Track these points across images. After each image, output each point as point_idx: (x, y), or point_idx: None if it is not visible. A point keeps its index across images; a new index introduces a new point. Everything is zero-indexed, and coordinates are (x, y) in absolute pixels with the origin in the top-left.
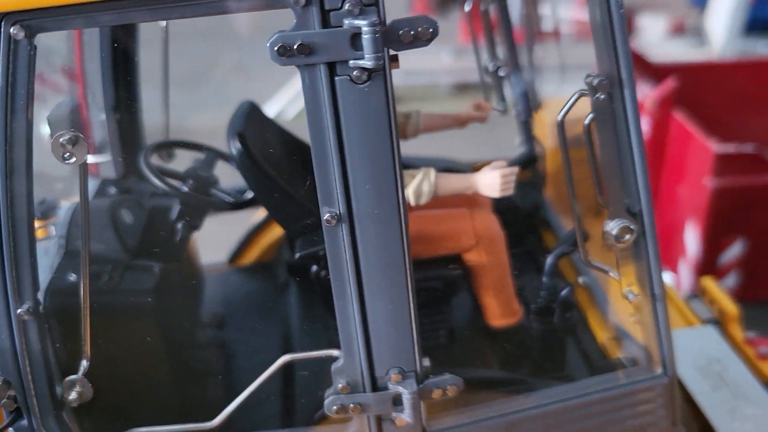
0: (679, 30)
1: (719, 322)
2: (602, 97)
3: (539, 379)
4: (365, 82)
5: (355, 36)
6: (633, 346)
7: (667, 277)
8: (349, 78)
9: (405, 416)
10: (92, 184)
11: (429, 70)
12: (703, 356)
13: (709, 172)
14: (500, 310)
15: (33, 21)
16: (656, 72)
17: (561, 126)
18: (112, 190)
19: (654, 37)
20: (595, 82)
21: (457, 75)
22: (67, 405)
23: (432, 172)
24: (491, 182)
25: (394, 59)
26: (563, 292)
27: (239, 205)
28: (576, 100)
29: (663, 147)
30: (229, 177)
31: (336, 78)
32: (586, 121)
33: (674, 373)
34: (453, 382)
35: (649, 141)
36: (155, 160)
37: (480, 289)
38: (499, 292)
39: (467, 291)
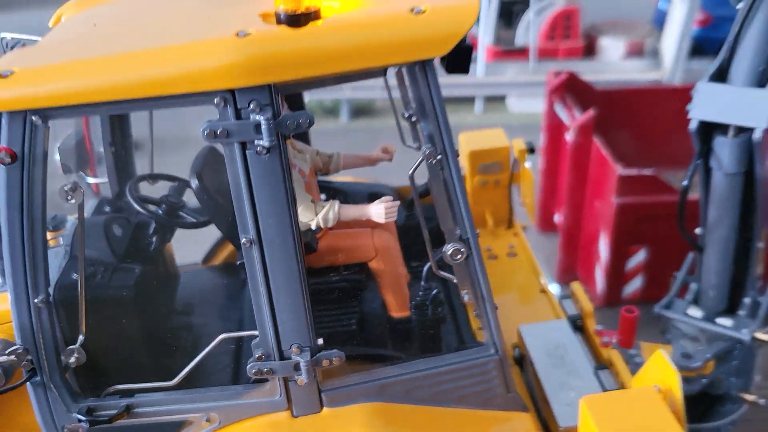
0: (637, 51)
1: (580, 317)
2: (434, 161)
3: (411, 354)
4: (265, 154)
5: (257, 125)
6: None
7: (555, 288)
8: (255, 152)
9: (303, 378)
10: (92, 203)
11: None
12: (553, 343)
13: (615, 191)
14: (396, 305)
15: (47, 112)
16: (597, 97)
17: (411, 178)
18: (107, 207)
19: (613, 57)
20: (428, 151)
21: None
22: (67, 366)
23: (336, 205)
24: (378, 212)
25: (286, 138)
26: (433, 293)
27: (199, 224)
28: (420, 162)
29: (586, 168)
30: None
31: (246, 152)
32: (410, 172)
33: (503, 351)
34: (337, 355)
35: (572, 163)
36: (143, 185)
37: (381, 288)
38: (395, 291)
39: (374, 290)
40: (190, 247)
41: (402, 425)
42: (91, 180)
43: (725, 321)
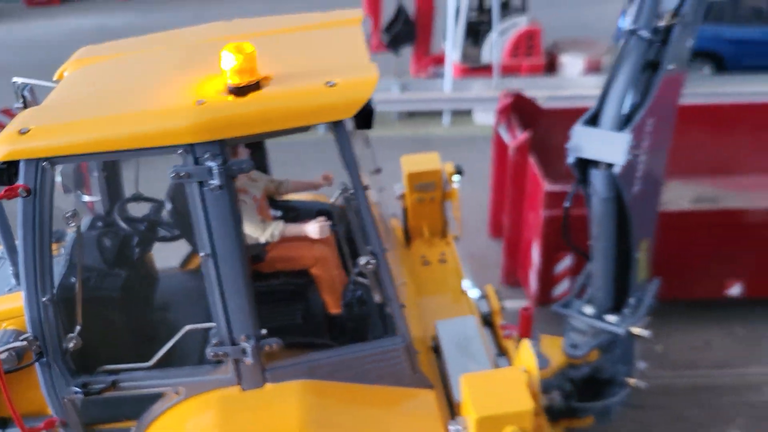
0: (595, 68)
1: (490, 314)
2: (348, 195)
3: (339, 342)
4: (217, 190)
5: (210, 169)
6: None
7: (475, 292)
8: (209, 189)
9: (249, 359)
10: (87, 219)
11: (380, 100)
12: (462, 335)
13: (543, 205)
14: (332, 304)
15: (54, 159)
16: (543, 115)
17: (332, 205)
18: (99, 223)
19: (573, 74)
20: (343, 188)
21: (403, 105)
22: (67, 350)
23: (281, 224)
24: (314, 229)
25: (234, 177)
26: (358, 294)
27: (172, 238)
28: (339, 195)
29: (523, 183)
30: None
31: (203, 188)
32: (331, 200)
33: (409, 340)
34: (276, 342)
35: (511, 178)
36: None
37: (320, 290)
38: (331, 292)
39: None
40: (172, 252)
41: (327, 397)
42: (86, 198)
43: (612, 318)
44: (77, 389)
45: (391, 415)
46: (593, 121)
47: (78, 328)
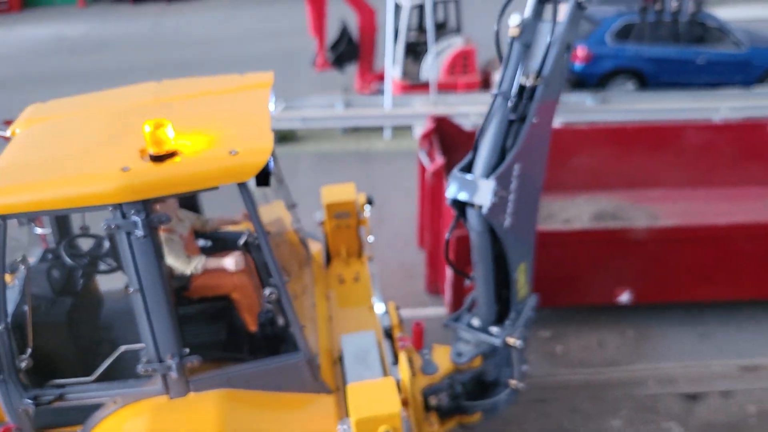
0: None
1: (390, 328)
2: (253, 239)
3: (252, 356)
4: (142, 238)
5: (135, 222)
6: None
7: (380, 308)
8: (137, 237)
9: (174, 374)
10: (39, 251)
11: (325, 116)
12: (361, 347)
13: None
14: (250, 323)
15: (6, 216)
16: (465, 137)
17: (240, 246)
18: (50, 255)
19: None
20: (248, 233)
21: (347, 121)
22: (20, 369)
23: (203, 259)
24: (230, 262)
25: (157, 228)
26: (270, 315)
27: (110, 270)
28: (244, 240)
29: (439, 204)
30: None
31: (130, 237)
32: (239, 243)
33: (309, 354)
34: (196, 359)
35: (429, 200)
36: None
37: (239, 311)
38: (250, 313)
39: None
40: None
41: (241, 402)
42: (38, 231)
43: (494, 329)
44: (29, 401)
45: (294, 417)
46: (468, 168)
47: (29, 350)
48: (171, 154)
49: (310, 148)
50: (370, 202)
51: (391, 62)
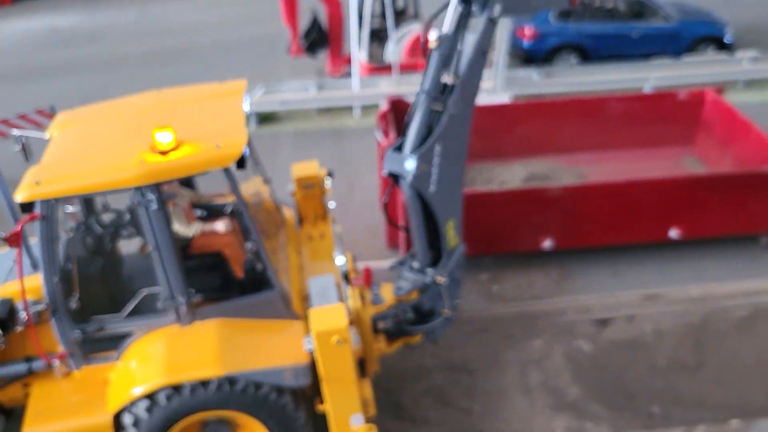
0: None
1: (347, 272)
2: (238, 210)
3: (242, 293)
4: (155, 210)
5: (151, 199)
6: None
7: (341, 259)
8: (152, 210)
9: (183, 308)
10: (73, 225)
11: (300, 99)
12: (323, 286)
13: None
14: (239, 271)
15: (58, 199)
16: None
17: (231, 213)
18: (82, 227)
19: None
20: (232, 205)
21: (320, 102)
22: (70, 308)
23: (200, 224)
24: (220, 226)
25: (169, 200)
26: (251, 264)
27: (130, 236)
28: (230, 209)
29: None
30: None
31: (148, 210)
32: (228, 211)
33: (281, 289)
34: (199, 297)
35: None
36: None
37: (230, 263)
38: (238, 264)
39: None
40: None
41: (233, 327)
42: (69, 209)
43: (429, 270)
44: (78, 332)
45: (272, 336)
46: (400, 148)
47: (76, 294)
48: (173, 149)
49: (289, 127)
50: (330, 175)
51: (357, 47)
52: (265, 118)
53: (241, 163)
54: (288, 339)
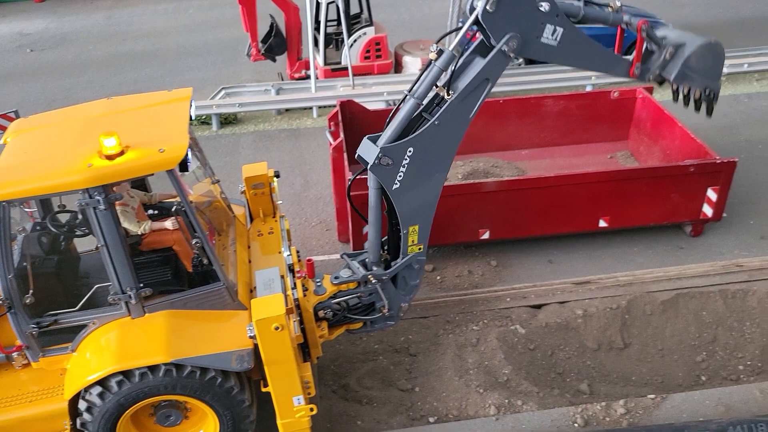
0: None
1: (292, 266)
2: (182, 208)
3: (190, 286)
4: (103, 210)
5: (98, 200)
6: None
7: (286, 252)
8: (100, 210)
9: (133, 301)
10: (30, 224)
11: (260, 101)
12: (268, 278)
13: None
14: (188, 265)
15: (9, 201)
16: (370, 116)
17: (174, 212)
18: (38, 227)
19: (414, 71)
20: (176, 204)
21: (279, 104)
22: (26, 304)
23: (149, 223)
24: (168, 224)
25: (113, 203)
26: (199, 259)
27: (84, 235)
28: (174, 209)
29: (341, 172)
30: None
31: (96, 210)
32: (173, 210)
33: (227, 282)
34: (148, 290)
35: (333, 169)
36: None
37: (180, 258)
38: (187, 259)
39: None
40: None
41: (181, 317)
42: (27, 209)
43: (376, 269)
44: (34, 326)
45: (218, 325)
46: (374, 139)
47: (31, 291)
48: (119, 154)
49: (249, 128)
50: (277, 175)
51: (314, 52)
52: (226, 120)
53: (183, 165)
54: (233, 327)
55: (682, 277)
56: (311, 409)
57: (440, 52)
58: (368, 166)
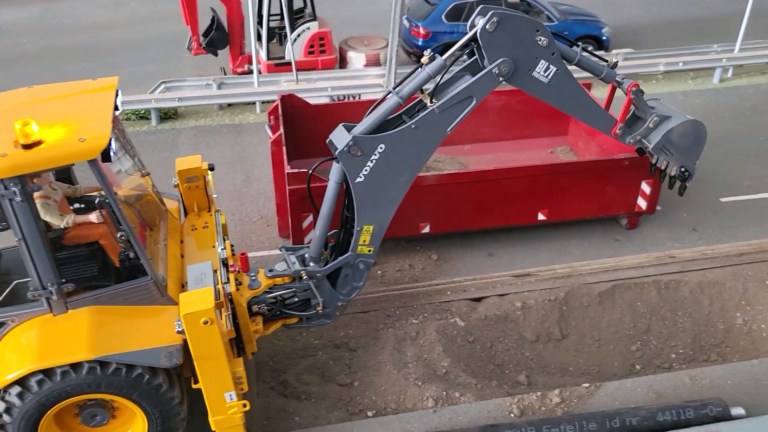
0: (374, 61)
1: (226, 259)
2: (107, 201)
3: (117, 281)
4: (23, 203)
5: (15, 192)
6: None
7: (220, 247)
8: (17, 202)
9: (54, 297)
10: None
11: (200, 95)
12: (200, 272)
13: (287, 182)
14: (115, 260)
15: None
16: (312, 110)
17: (98, 205)
18: None
19: (358, 67)
20: (99, 196)
21: (221, 99)
22: None
23: (73, 216)
24: (93, 217)
25: (31, 195)
26: (126, 254)
27: (3, 229)
28: (99, 202)
29: (281, 166)
30: None
31: (12, 202)
32: (96, 201)
33: (155, 276)
34: (69, 285)
35: (273, 163)
36: None
37: (107, 252)
38: (114, 253)
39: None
40: None
41: (106, 314)
42: None
43: (313, 265)
44: None
45: (146, 321)
46: (348, 128)
47: None
48: (37, 143)
49: (190, 123)
50: (211, 168)
51: (256, 46)
52: (166, 115)
53: (105, 156)
54: (161, 323)
55: (618, 269)
56: (244, 405)
57: (432, 58)
58: (337, 152)
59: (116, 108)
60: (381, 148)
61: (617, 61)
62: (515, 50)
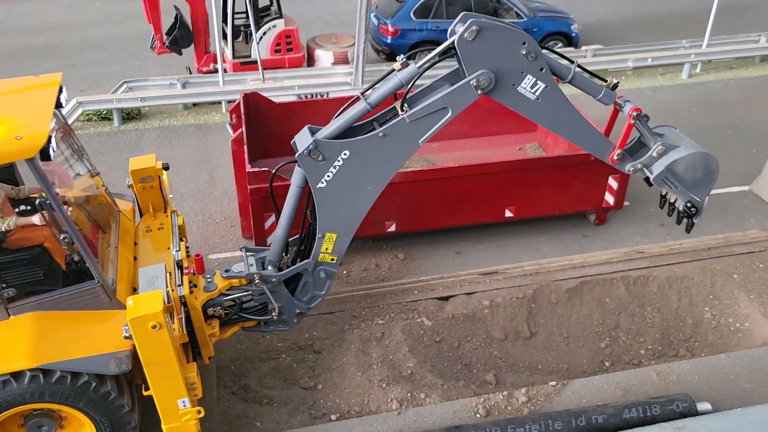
0: (342, 59)
1: (181, 261)
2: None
3: (62, 285)
4: None
5: None
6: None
7: (174, 249)
8: None
9: None
10: None
11: (163, 95)
12: (152, 275)
13: (248, 181)
14: (61, 263)
15: None
16: (277, 108)
17: (49, 206)
18: None
19: (326, 65)
20: (40, 197)
21: (185, 98)
22: None
23: (15, 217)
24: (36, 219)
25: None
26: (74, 257)
27: None
28: (40, 203)
29: (242, 165)
30: None
31: None
32: (47, 202)
33: (103, 280)
34: (11, 290)
35: (234, 162)
36: None
37: (53, 255)
38: (60, 256)
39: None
40: None
41: (50, 319)
42: None
43: (270, 268)
44: None
45: (93, 326)
46: (312, 131)
47: None
48: None
49: (154, 123)
50: (166, 168)
51: (222, 45)
52: (129, 116)
53: (44, 154)
54: (109, 328)
55: (586, 265)
56: (198, 412)
57: (405, 64)
58: (296, 155)
59: (60, 105)
60: (345, 154)
61: (617, 82)
62: (496, 62)
